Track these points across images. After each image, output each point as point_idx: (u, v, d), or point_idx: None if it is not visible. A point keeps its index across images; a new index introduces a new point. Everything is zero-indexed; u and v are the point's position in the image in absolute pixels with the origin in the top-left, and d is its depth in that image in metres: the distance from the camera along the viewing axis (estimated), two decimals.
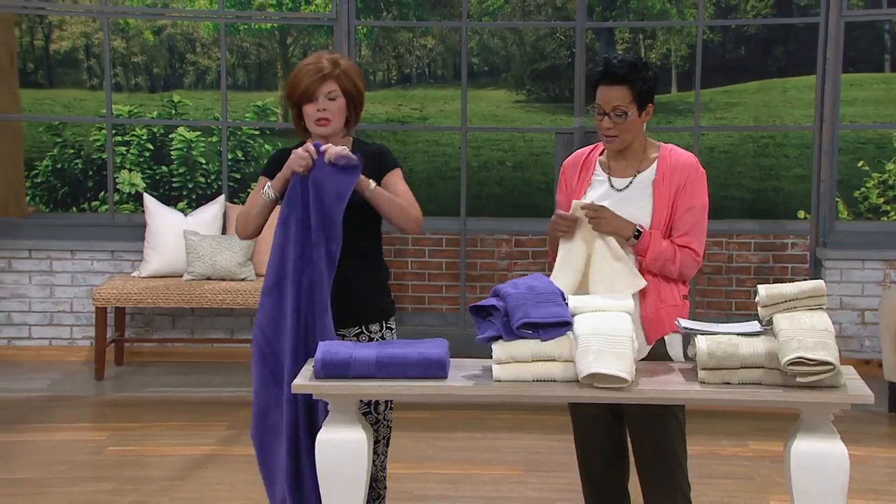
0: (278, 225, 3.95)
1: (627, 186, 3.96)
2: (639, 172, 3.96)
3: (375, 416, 4.01)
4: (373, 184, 3.94)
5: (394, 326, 4.15)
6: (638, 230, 3.85)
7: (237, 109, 13.29)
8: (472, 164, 7.93)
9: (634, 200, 3.93)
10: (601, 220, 3.84)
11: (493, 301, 3.58)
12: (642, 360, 3.84)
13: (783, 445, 3.60)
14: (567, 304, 3.58)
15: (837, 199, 7.96)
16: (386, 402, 4.04)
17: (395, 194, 4.02)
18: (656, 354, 3.90)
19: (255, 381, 4.00)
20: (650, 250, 3.85)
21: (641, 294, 3.87)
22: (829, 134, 7.41)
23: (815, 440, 3.45)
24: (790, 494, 3.50)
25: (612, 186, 3.97)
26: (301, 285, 3.89)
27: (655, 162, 3.96)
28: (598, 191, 3.98)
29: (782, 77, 18.46)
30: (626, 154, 3.97)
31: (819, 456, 3.44)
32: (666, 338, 3.90)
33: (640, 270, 3.87)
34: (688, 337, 3.66)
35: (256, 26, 20.26)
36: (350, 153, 3.86)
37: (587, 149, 4.11)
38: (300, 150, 3.90)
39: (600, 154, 4.05)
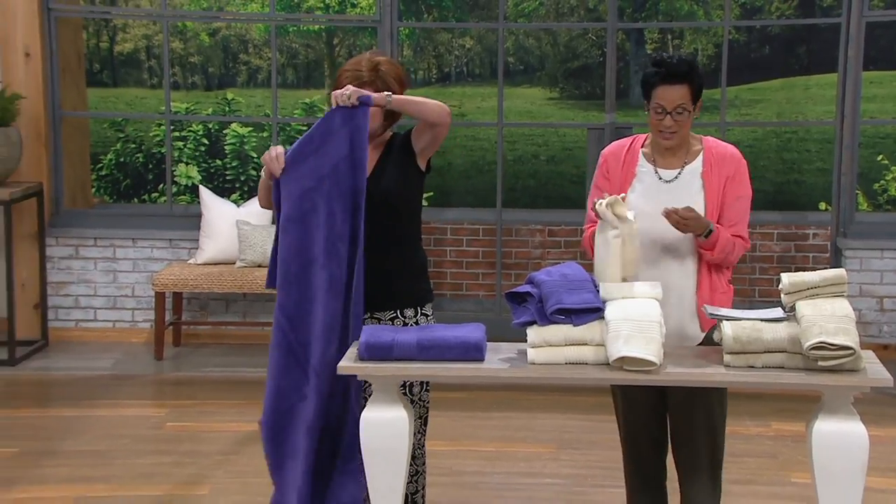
0: (290, 222, 3.87)
1: (676, 178, 3.89)
2: (686, 164, 3.90)
3: (410, 398, 3.98)
4: (388, 93, 3.83)
5: (430, 313, 4.06)
6: (710, 228, 3.77)
7: (287, 106, 13.34)
8: (507, 158, 7.90)
9: (684, 191, 3.86)
10: (689, 222, 3.74)
11: (527, 288, 3.56)
12: (697, 345, 3.82)
13: (805, 426, 3.56)
14: (598, 291, 3.56)
15: (857, 191, 7.88)
16: (422, 383, 4.01)
17: None
18: (711, 340, 3.81)
19: (272, 364, 3.92)
20: (718, 245, 3.79)
21: (697, 285, 3.84)
22: (849, 129, 7.34)
23: (836, 421, 3.43)
24: (811, 472, 3.47)
25: (659, 178, 3.91)
26: (333, 272, 3.83)
27: (701, 154, 3.90)
28: (645, 182, 3.90)
29: (805, 75, 18.31)
30: (672, 147, 3.91)
31: (840, 436, 3.41)
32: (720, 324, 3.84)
33: (702, 262, 3.85)
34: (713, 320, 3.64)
35: (305, 28, 20.29)
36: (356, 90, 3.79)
37: (627, 140, 4.03)
38: (266, 155, 3.88)
39: (642, 146, 3.97)
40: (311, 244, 3.84)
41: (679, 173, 3.89)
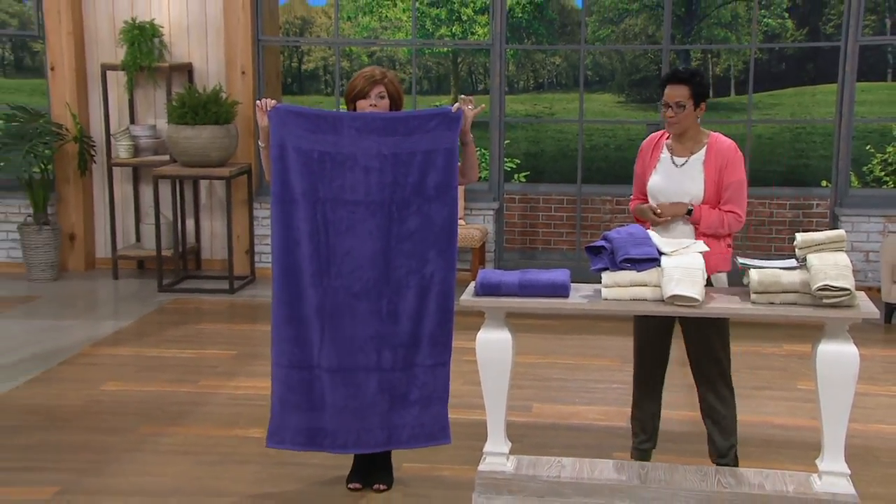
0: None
1: (685, 164, 3.79)
2: (692, 153, 3.79)
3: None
4: (471, 137, 3.66)
5: None
6: (689, 209, 3.72)
7: (423, 107, 13.31)
8: (586, 146, 7.79)
9: (689, 174, 3.77)
10: (665, 212, 3.74)
11: (601, 242, 3.51)
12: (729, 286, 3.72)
13: (810, 347, 3.47)
14: (656, 245, 3.49)
15: (851, 172, 7.62)
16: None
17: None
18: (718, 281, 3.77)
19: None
20: (702, 222, 3.72)
21: None
22: (845, 126, 7.09)
23: (835, 344, 3.34)
24: (815, 381, 3.38)
25: (673, 163, 3.81)
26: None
27: (705, 146, 3.79)
28: (664, 165, 3.83)
29: (812, 85, 17.81)
30: (683, 139, 3.80)
31: (838, 355, 3.32)
32: (712, 276, 3.75)
33: (698, 231, 3.74)
34: (742, 270, 3.54)
35: (437, 50, 20.24)
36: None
37: (658, 134, 3.94)
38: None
39: (667, 138, 3.88)
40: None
41: (687, 160, 3.79)
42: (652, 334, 3.85)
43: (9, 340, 5.94)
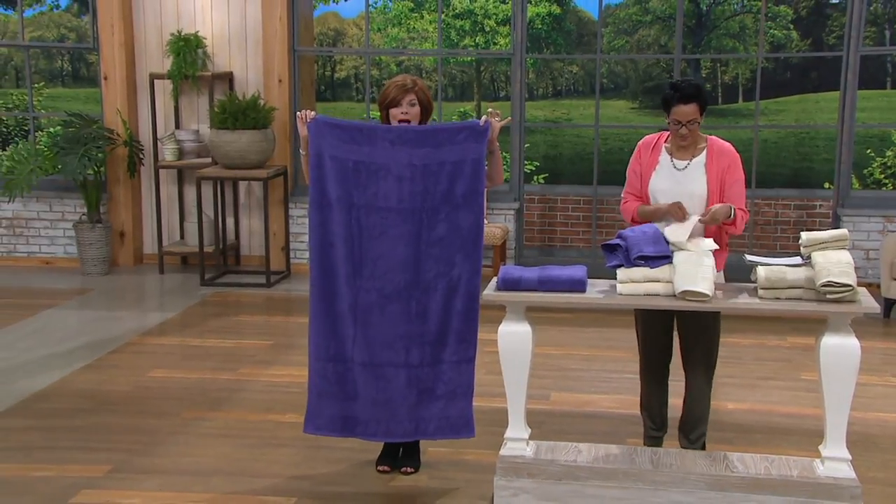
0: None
1: (686, 167, 3.71)
2: (694, 157, 3.71)
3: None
4: (498, 146, 3.63)
5: None
6: (733, 212, 3.61)
7: (448, 114, 13.29)
8: (601, 150, 7.74)
9: (691, 177, 3.69)
10: (716, 218, 3.58)
11: (617, 240, 3.49)
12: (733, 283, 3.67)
13: (814, 340, 3.43)
14: (668, 244, 3.46)
15: (852, 175, 7.53)
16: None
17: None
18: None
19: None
20: (738, 223, 3.64)
21: None
22: (847, 131, 7.01)
23: (838, 337, 3.30)
24: (818, 372, 3.35)
25: (674, 167, 3.73)
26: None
27: (705, 150, 3.71)
28: (664, 169, 3.74)
29: (815, 92, 17.65)
30: (686, 145, 3.73)
31: (840, 347, 3.29)
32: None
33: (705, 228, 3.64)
34: (750, 266, 3.51)
35: (461, 59, 20.22)
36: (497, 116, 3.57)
37: (655, 136, 3.85)
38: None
39: (665, 141, 3.80)
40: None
41: (688, 164, 3.71)
42: (654, 327, 3.82)
43: (65, 330, 6.00)
